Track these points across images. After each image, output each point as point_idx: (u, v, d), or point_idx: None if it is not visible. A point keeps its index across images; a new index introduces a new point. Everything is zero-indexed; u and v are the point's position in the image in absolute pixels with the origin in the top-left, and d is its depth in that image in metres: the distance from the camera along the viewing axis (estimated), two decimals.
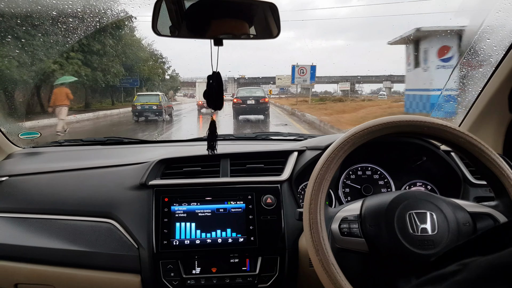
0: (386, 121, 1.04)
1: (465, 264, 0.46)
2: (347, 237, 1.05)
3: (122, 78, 23.27)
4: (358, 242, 1.03)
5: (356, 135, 1.04)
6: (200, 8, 1.09)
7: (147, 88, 27.98)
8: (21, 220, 1.40)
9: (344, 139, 1.04)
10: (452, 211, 1.01)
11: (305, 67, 24.03)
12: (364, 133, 1.04)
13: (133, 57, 24.08)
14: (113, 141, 2.01)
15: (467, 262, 0.46)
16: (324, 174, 1.02)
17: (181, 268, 1.30)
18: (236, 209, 1.36)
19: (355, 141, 1.04)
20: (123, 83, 24.69)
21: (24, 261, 1.32)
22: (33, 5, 3.33)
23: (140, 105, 16.47)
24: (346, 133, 1.06)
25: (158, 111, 16.24)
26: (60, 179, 1.51)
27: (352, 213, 1.08)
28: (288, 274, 1.32)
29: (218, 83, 1.17)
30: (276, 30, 1.14)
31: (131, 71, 24.44)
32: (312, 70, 24.15)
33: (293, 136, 1.97)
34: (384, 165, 1.58)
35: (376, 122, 1.04)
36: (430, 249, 0.96)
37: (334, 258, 0.96)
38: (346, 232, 1.05)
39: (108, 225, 1.35)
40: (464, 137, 1.02)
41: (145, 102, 16.47)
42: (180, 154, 1.53)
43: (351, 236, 1.04)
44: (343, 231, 1.06)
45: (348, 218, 1.07)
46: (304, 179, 1.48)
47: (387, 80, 46.77)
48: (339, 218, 1.09)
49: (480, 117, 1.63)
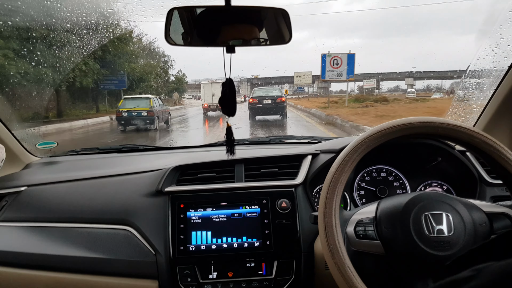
0: (400, 123, 1.03)
1: (479, 270, 0.46)
2: (362, 239, 1.05)
3: (102, 78, 19.38)
4: (374, 244, 1.03)
5: (370, 137, 1.04)
6: (211, 16, 1.11)
7: (141, 90, 23.25)
8: (39, 229, 1.42)
9: (358, 141, 1.04)
10: (468, 211, 1.00)
11: (340, 56, 19.39)
12: (378, 135, 1.03)
13: (116, 51, 19.23)
14: (129, 149, 2.04)
15: (480, 268, 0.46)
16: (339, 177, 1.02)
17: (198, 273, 1.31)
18: (251, 213, 1.36)
19: (370, 144, 1.04)
20: (106, 85, 20.81)
21: (43, 269, 1.34)
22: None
23: (126, 111, 13.44)
24: (360, 135, 1.05)
25: (149, 118, 13.39)
26: (77, 188, 1.53)
27: (368, 216, 1.08)
28: (304, 277, 1.32)
29: (230, 90, 1.18)
30: (288, 36, 1.14)
31: (114, 69, 20.02)
32: (350, 60, 19.28)
33: (306, 139, 1.97)
34: (399, 167, 1.57)
35: (390, 124, 1.04)
36: (447, 250, 0.95)
37: (350, 261, 0.96)
38: (362, 235, 1.05)
39: (125, 232, 1.37)
40: (479, 137, 1.01)
41: (132, 108, 13.48)
42: (195, 160, 1.55)
43: (367, 238, 1.04)
44: (359, 233, 1.05)
45: (364, 220, 1.07)
46: (318, 182, 1.48)
47: (409, 76, 44.50)
48: (354, 221, 1.08)
49: (495, 116, 1.61)
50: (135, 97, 15.82)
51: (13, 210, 1.48)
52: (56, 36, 7.32)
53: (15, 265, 1.35)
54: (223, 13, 1.08)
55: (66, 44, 6.16)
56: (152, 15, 2.32)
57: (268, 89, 19.48)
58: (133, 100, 14.35)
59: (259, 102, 16.68)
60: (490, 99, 1.62)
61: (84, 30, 4.16)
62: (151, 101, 13.81)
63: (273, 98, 16.81)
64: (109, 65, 19.48)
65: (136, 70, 23.38)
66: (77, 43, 4.87)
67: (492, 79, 1.62)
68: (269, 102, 16.65)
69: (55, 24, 5.63)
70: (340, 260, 0.95)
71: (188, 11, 1.11)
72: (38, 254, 1.35)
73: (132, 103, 13.88)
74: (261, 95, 17.25)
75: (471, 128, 1.02)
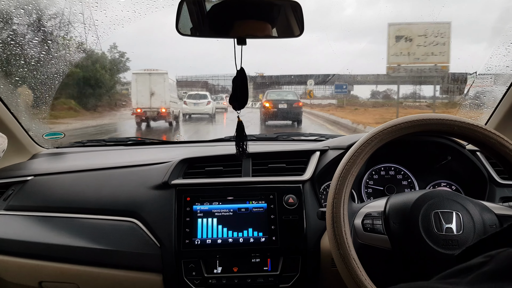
0: (416, 119, 1.02)
1: (492, 256, 0.45)
2: (370, 233, 1.04)
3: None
4: (381, 238, 1.02)
5: (384, 131, 1.03)
6: (223, 9, 1.10)
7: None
8: (45, 218, 1.42)
9: (372, 134, 1.03)
10: (479, 212, 0.99)
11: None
12: (392, 129, 1.02)
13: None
14: (135, 142, 2.03)
15: (493, 254, 0.45)
16: (350, 168, 1.01)
17: (203, 267, 1.30)
18: (258, 208, 1.35)
19: (383, 138, 1.03)
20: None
21: (49, 259, 1.34)
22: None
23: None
24: (374, 129, 1.05)
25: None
26: (83, 178, 1.53)
27: (376, 210, 1.07)
28: (309, 274, 1.31)
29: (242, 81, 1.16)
30: (299, 29, 1.13)
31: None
32: None
33: (314, 136, 1.95)
34: (408, 165, 1.55)
35: (405, 119, 1.03)
36: (455, 249, 0.94)
37: (355, 253, 0.95)
38: (369, 228, 1.04)
39: (130, 224, 1.37)
40: (495, 138, 1.00)
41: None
42: (202, 154, 1.54)
43: (374, 232, 1.03)
44: (366, 226, 1.05)
45: (372, 214, 1.06)
46: (326, 179, 1.47)
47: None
48: (362, 214, 1.08)
49: (507, 116, 1.59)
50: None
51: (19, 199, 1.49)
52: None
53: (20, 254, 1.35)
54: (235, 4, 1.07)
55: None
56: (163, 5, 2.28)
57: (281, 92, 17.93)
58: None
59: (274, 106, 14.88)
60: (502, 99, 1.60)
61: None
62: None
63: (289, 102, 15.16)
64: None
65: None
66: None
67: (504, 78, 1.59)
68: (285, 106, 14.90)
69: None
70: (345, 251, 0.94)
71: (197, 3, 1.10)
72: (43, 244, 1.35)
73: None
74: (277, 99, 15.48)
75: (487, 128, 1.01)
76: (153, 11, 2.58)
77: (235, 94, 1.17)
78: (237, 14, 1.09)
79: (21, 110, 1.81)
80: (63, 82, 2.20)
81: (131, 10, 2.74)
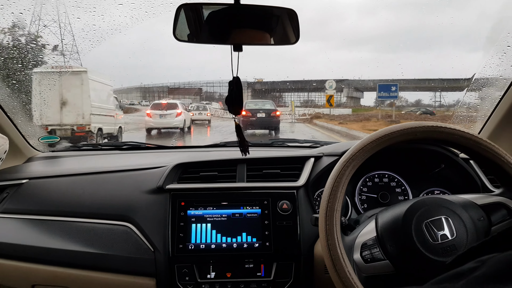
0: (405, 127, 1.03)
1: (483, 261, 0.46)
2: (371, 263, 1.02)
3: None
4: (382, 265, 1.01)
5: (374, 141, 1.03)
6: (220, 14, 1.11)
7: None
8: (39, 222, 1.42)
9: (361, 145, 1.03)
10: (464, 210, 1.00)
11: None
12: (382, 139, 1.03)
13: None
14: (130, 146, 2.03)
15: (485, 259, 0.46)
16: (341, 180, 1.01)
17: (196, 272, 1.30)
18: (252, 214, 1.36)
19: (373, 147, 1.03)
20: None
21: (42, 263, 1.34)
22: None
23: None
24: (364, 139, 1.05)
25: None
26: (78, 182, 1.53)
27: (370, 236, 1.05)
28: (303, 280, 1.31)
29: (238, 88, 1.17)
30: (295, 37, 1.14)
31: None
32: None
33: (309, 143, 1.96)
34: (402, 173, 1.56)
35: (394, 128, 1.03)
36: (454, 254, 0.94)
37: (351, 266, 0.95)
38: (369, 259, 1.02)
39: (124, 228, 1.37)
40: (490, 146, 1.01)
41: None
42: (197, 159, 1.54)
43: (375, 261, 1.02)
44: (366, 258, 1.03)
45: (368, 243, 1.04)
46: (320, 185, 1.47)
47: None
48: (358, 246, 1.06)
49: (500, 125, 1.60)
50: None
51: (14, 202, 1.48)
52: None
53: (14, 257, 1.35)
54: (232, 11, 1.08)
55: None
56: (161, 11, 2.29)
57: (259, 102, 18.44)
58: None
59: (253, 115, 14.92)
60: (495, 108, 1.61)
61: None
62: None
63: (267, 112, 15.34)
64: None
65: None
66: None
67: (498, 87, 1.61)
68: (263, 115, 15.03)
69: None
70: (339, 263, 0.94)
71: (197, 8, 1.11)
72: (37, 247, 1.34)
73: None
74: (255, 108, 15.55)
75: (479, 136, 1.03)
76: (150, 16, 2.59)
77: (231, 98, 1.18)
78: (235, 23, 1.10)
79: (17, 113, 1.81)
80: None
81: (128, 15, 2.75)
